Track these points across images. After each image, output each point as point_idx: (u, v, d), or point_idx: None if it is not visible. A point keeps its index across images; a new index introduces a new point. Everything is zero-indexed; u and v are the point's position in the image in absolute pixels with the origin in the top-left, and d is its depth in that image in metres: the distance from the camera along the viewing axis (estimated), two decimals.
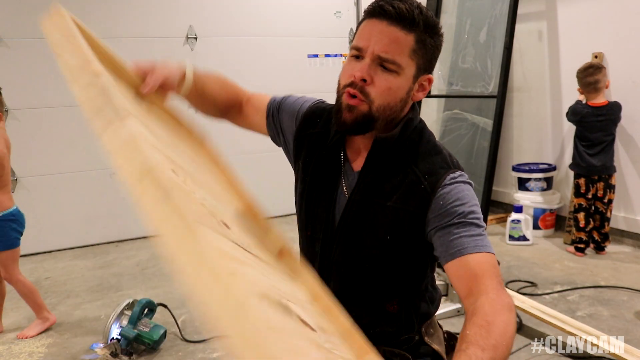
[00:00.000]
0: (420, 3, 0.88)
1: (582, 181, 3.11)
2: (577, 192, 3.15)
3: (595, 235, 3.16)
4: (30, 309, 2.49)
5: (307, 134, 1.05)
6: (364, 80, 0.86)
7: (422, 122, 0.99)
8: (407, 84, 0.89)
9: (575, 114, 3.08)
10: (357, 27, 0.92)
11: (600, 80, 3.01)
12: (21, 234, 2.34)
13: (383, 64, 0.86)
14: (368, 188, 0.95)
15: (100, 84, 0.59)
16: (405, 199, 0.92)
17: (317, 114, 1.06)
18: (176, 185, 0.54)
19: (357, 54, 0.88)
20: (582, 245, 3.15)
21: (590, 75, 3.01)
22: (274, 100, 1.13)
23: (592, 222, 3.15)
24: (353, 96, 0.88)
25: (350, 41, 0.87)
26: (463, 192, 0.89)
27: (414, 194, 0.91)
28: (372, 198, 0.95)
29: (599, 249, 3.17)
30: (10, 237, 2.28)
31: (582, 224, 3.13)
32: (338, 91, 0.92)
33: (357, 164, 0.99)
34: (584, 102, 3.12)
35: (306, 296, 0.77)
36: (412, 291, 1.02)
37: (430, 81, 0.93)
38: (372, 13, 0.87)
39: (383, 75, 0.86)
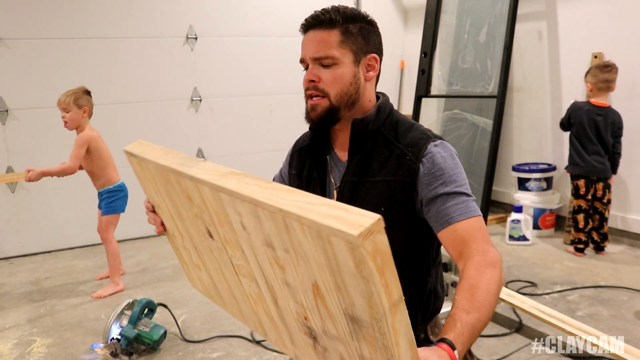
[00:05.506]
0: (337, 4, 1.06)
1: (581, 182, 3.11)
2: (576, 194, 3.15)
3: (595, 236, 3.16)
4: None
5: (294, 152, 1.23)
6: (312, 81, 1.03)
7: (392, 106, 1.12)
8: (349, 69, 1.03)
9: (577, 109, 3.08)
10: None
11: (614, 80, 3.03)
12: (125, 203, 2.91)
13: (320, 62, 1.02)
14: (357, 170, 1.05)
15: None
16: (394, 171, 1.01)
17: (299, 140, 1.25)
18: None
19: (304, 66, 1.06)
20: (581, 246, 3.15)
21: (608, 73, 3.01)
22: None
23: (591, 223, 3.15)
24: (312, 97, 1.04)
25: None
26: (445, 161, 0.99)
27: (401, 166, 1.01)
28: (362, 177, 1.05)
29: (599, 249, 3.17)
30: (115, 205, 2.85)
31: (581, 225, 3.13)
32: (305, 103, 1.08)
33: (345, 155, 1.10)
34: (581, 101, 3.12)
35: None
36: (414, 280, 1.06)
37: (375, 60, 1.07)
38: (302, 30, 1.07)
39: (325, 70, 1.02)
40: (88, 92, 2.77)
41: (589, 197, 3.11)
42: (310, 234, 0.57)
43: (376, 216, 0.51)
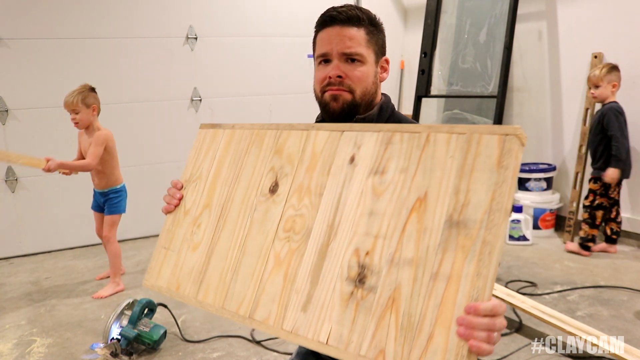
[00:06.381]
0: (356, 4, 1.06)
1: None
2: (605, 192, 3.09)
3: (609, 230, 3.16)
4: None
5: None
6: (340, 77, 1.03)
7: (394, 106, 1.14)
8: (372, 68, 1.06)
9: (621, 110, 3.02)
10: (314, 41, 1.10)
11: None
12: (126, 203, 2.93)
13: (349, 58, 1.03)
14: None
15: None
16: None
17: None
18: None
19: (324, 59, 1.06)
20: (591, 244, 3.13)
21: None
22: None
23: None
24: (337, 90, 1.04)
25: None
26: None
27: None
28: None
29: (613, 241, 3.16)
30: (120, 205, 2.87)
31: (598, 221, 3.10)
32: (318, 97, 1.08)
33: None
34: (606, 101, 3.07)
35: None
36: None
37: (387, 62, 1.11)
38: (325, 23, 1.06)
39: (352, 66, 1.04)
40: (93, 89, 2.76)
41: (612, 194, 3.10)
42: (456, 141, 0.76)
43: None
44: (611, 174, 3.00)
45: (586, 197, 3.19)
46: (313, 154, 0.94)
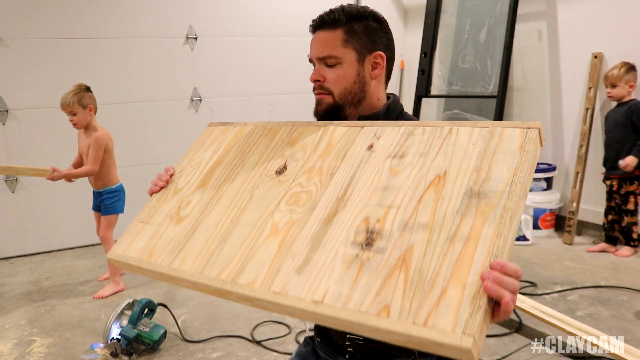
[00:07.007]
0: (344, 4, 1.09)
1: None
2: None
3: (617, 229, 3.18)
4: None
5: None
6: (318, 81, 1.07)
7: (402, 107, 1.14)
8: (352, 68, 1.05)
9: None
10: None
11: None
12: (124, 203, 2.92)
13: (325, 62, 1.06)
14: None
15: None
16: None
17: None
18: None
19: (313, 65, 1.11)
20: None
21: None
22: None
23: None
24: (319, 94, 1.09)
25: None
26: None
27: None
28: None
29: (613, 242, 3.18)
30: (117, 206, 2.87)
31: None
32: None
33: None
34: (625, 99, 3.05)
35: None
36: None
37: (381, 57, 1.08)
38: (310, 31, 1.11)
39: (329, 70, 1.06)
40: (88, 89, 2.75)
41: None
42: (479, 133, 0.80)
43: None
44: (630, 161, 2.92)
45: (625, 202, 3.08)
46: (329, 144, 0.92)
